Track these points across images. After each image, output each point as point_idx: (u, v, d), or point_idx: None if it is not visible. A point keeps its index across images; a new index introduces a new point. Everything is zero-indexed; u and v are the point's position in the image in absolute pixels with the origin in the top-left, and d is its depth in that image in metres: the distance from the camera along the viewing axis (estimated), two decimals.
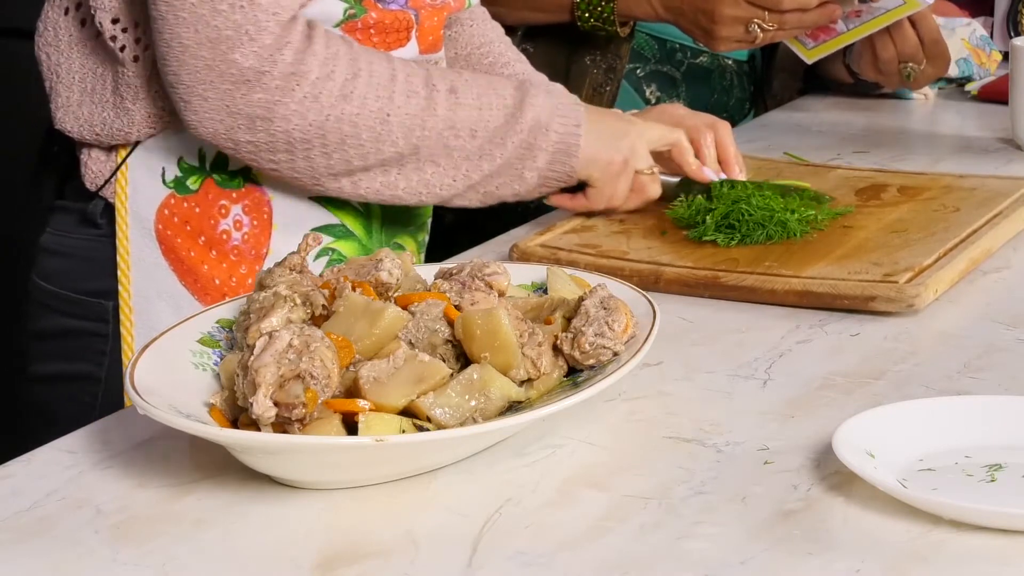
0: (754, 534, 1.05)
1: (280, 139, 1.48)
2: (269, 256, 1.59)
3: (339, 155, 1.51)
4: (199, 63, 1.45)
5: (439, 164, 1.55)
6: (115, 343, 1.58)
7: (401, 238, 1.70)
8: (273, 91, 1.46)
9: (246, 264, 1.58)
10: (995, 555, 1.02)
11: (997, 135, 2.10)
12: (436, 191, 1.57)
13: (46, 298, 1.63)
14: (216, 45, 1.44)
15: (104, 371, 1.59)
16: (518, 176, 1.59)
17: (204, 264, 1.57)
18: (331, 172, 1.52)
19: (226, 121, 1.47)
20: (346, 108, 1.49)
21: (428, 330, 1.20)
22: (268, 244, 1.59)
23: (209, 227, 1.57)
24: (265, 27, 1.44)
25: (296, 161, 1.51)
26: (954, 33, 2.36)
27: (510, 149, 1.57)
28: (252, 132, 1.48)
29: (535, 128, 1.57)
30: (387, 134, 1.51)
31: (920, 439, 1.14)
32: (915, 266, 1.50)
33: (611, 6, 2.07)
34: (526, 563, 1.02)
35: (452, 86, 1.55)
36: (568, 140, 1.59)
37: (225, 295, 1.57)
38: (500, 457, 1.16)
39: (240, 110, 1.46)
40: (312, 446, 1.09)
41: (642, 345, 1.22)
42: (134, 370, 1.15)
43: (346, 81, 1.48)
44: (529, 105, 1.57)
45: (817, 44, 2.12)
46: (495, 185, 1.59)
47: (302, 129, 1.48)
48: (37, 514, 1.10)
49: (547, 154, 1.59)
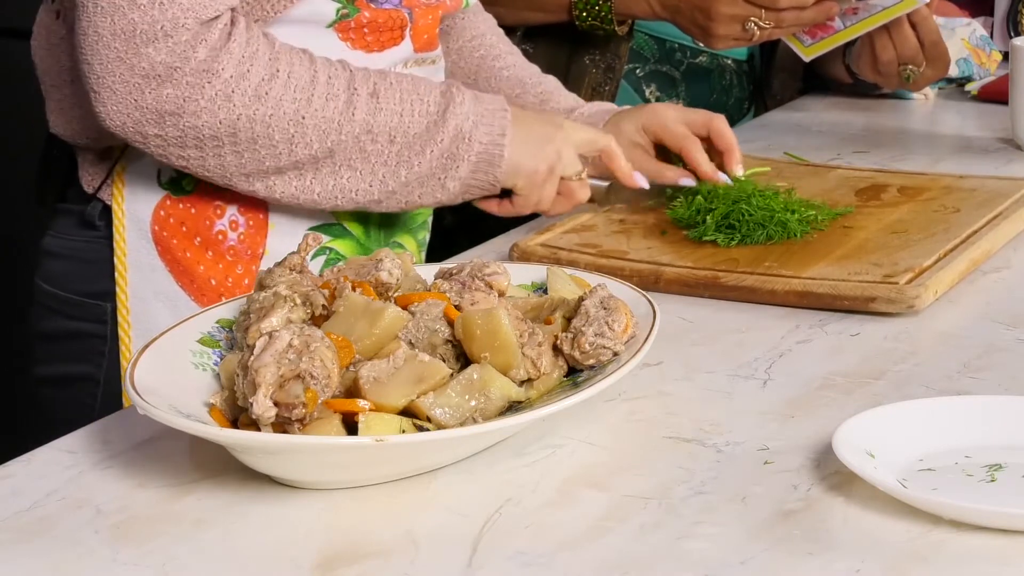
0: (754, 534, 1.05)
1: (189, 135, 1.46)
2: (265, 256, 1.58)
3: (250, 154, 1.48)
4: (111, 54, 1.42)
5: (355, 169, 1.52)
6: (114, 344, 1.59)
7: (400, 237, 1.69)
8: (184, 87, 1.44)
9: (242, 264, 1.58)
10: (995, 555, 1.02)
11: (997, 135, 2.11)
12: (352, 196, 1.53)
13: (48, 300, 1.63)
14: (130, 38, 1.42)
15: (103, 372, 1.60)
16: (440, 185, 1.56)
17: (200, 265, 1.57)
18: (242, 172, 1.50)
19: (134, 115, 1.44)
20: (259, 108, 1.46)
21: (428, 330, 1.20)
22: (264, 244, 1.59)
23: (205, 228, 1.57)
24: (182, 24, 1.43)
25: (206, 159, 1.48)
26: (954, 33, 2.36)
27: (430, 157, 1.54)
28: (160, 127, 1.45)
29: (457, 137, 1.54)
30: (300, 136, 1.48)
31: (920, 439, 1.14)
32: (915, 267, 1.50)
33: (608, 5, 2.08)
34: (526, 563, 1.02)
35: (375, 90, 1.52)
36: (491, 150, 1.56)
37: (222, 295, 1.56)
38: (500, 457, 1.17)
39: (149, 105, 1.44)
40: (312, 446, 1.09)
41: (642, 345, 1.22)
42: (134, 370, 1.15)
43: (262, 81, 1.46)
44: (452, 113, 1.54)
45: (815, 41, 2.12)
46: (417, 194, 1.56)
47: (212, 127, 1.46)
48: (37, 514, 1.10)
49: (470, 164, 1.56)
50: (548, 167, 1.60)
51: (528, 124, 1.61)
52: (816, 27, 2.09)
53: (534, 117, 1.64)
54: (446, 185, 1.55)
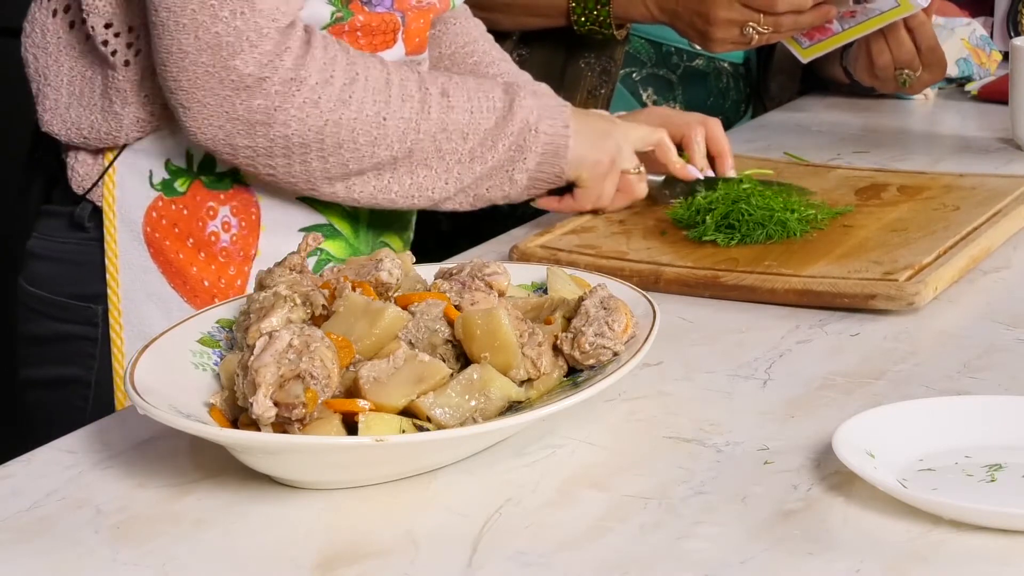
0: (754, 534, 1.05)
1: (279, 144, 1.49)
2: (258, 257, 1.59)
3: (335, 159, 1.51)
4: (199, 69, 1.44)
5: (431, 167, 1.56)
6: (105, 346, 1.58)
7: (387, 236, 1.70)
8: (273, 96, 1.46)
9: (235, 266, 1.58)
10: (995, 555, 1.02)
11: (997, 135, 2.10)
12: (428, 194, 1.57)
13: (35, 303, 1.63)
14: (217, 51, 1.44)
15: (94, 375, 1.59)
16: (508, 178, 1.60)
17: (193, 266, 1.57)
18: (327, 176, 1.52)
19: (225, 127, 1.47)
20: (345, 112, 1.49)
21: (428, 330, 1.20)
22: (256, 245, 1.59)
23: (197, 229, 1.57)
24: (266, 33, 1.44)
25: (293, 166, 1.51)
26: (954, 33, 2.36)
27: (500, 151, 1.58)
28: (251, 137, 1.48)
29: (524, 130, 1.58)
30: (383, 138, 1.52)
31: (920, 439, 1.14)
32: (915, 264, 1.50)
33: (607, 9, 2.08)
34: (526, 563, 1.02)
35: (444, 89, 1.56)
36: (557, 141, 1.60)
37: (214, 297, 1.57)
38: (500, 457, 1.16)
39: (240, 116, 1.46)
40: (312, 446, 1.09)
41: (642, 345, 1.22)
42: (134, 370, 1.15)
43: (344, 86, 1.49)
44: (518, 107, 1.58)
45: (813, 43, 2.12)
46: (486, 187, 1.59)
47: (301, 134, 1.48)
48: (37, 514, 1.10)
49: (536, 155, 1.60)
50: (610, 159, 1.65)
51: (587, 118, 1.66)
52: (814, 29, 2.09)
53: (590, 113, 1.69)
54: (514, 178, 1.60)
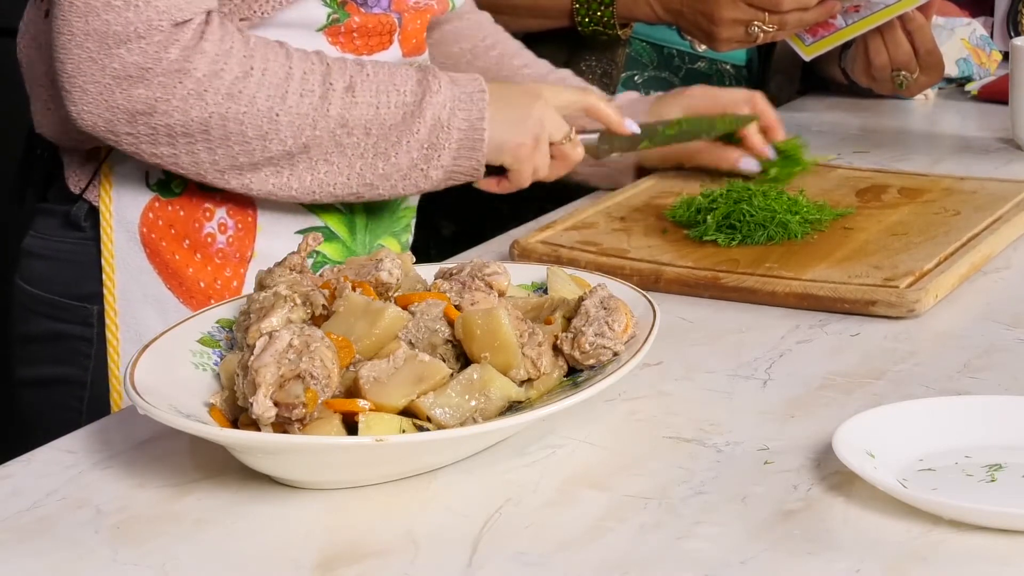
0: (754, 534, 1.05)
1: (161, 132, 1.46)
2: (254, 259, 1.58)
3: (223, 151, 1.49)
4: (83, 54, 1.43)
5: (331, 163, 1.53)
6: (100, 346, 1.58)
7: (385, 239, 1.69)
8: (155, 87, 1.44)
9: (231, 267, 1.58)
10: (995, 555, 1.02)
11: (997, 135, 2.10)
12: (330, 190, 1.54)
13: (30, 302, 1.62)
14: (103, 39, 1.42)
15: (89, 375, 1.59)
16: (423, 175, 1.57)
17: (189, 267, 1.57)
18: (216, 168, 1.50)
19: (104, 115, 1.45)
20: (232, 106, 1.47)
21: (428, 330, 1.20)
22: (253, 247, 1.59)
23: (194, 230, 1.57)
24: (156, 26, 1.43)
25: (179, 156, 1.48)
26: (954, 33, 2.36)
27: (408, 148, 1.55)
28: (132, 125, 1.46)
29: (436, 127, 1.55)
30: (274, 132, 1.49)
31: (920, 439, 1.14)
32: (916, 270, 1.50)
33: (611, 10, 2.08)
34: (526, 563, 1.02)
35: (351, 83, 1.52)
36: (472, 135, 1.57)
37: (210, 298, 1.56)
38: (500, 457, 1.16)
39: (120, 105, 1.44)
40: (312, 446, 1.09)
41: (642, 345, 1.22)
42: (134, 370, 1.15)
43: (236, 79, 1.46)
44: (428, 103, 1.54)
45: (815, 40, 2.12)
46: (400, 186, 1.57)
47: (184, 124, 1.46)
48: (37, 514, 1.10)
49: (451, 152, 1.56)
50: (533, 138, 1.62)
51: (507, 100, 1.61)
52: (817, 26, 2.09)
53: (512, 91, 1.64)
54: (429, 175, 1.57)
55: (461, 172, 1.59)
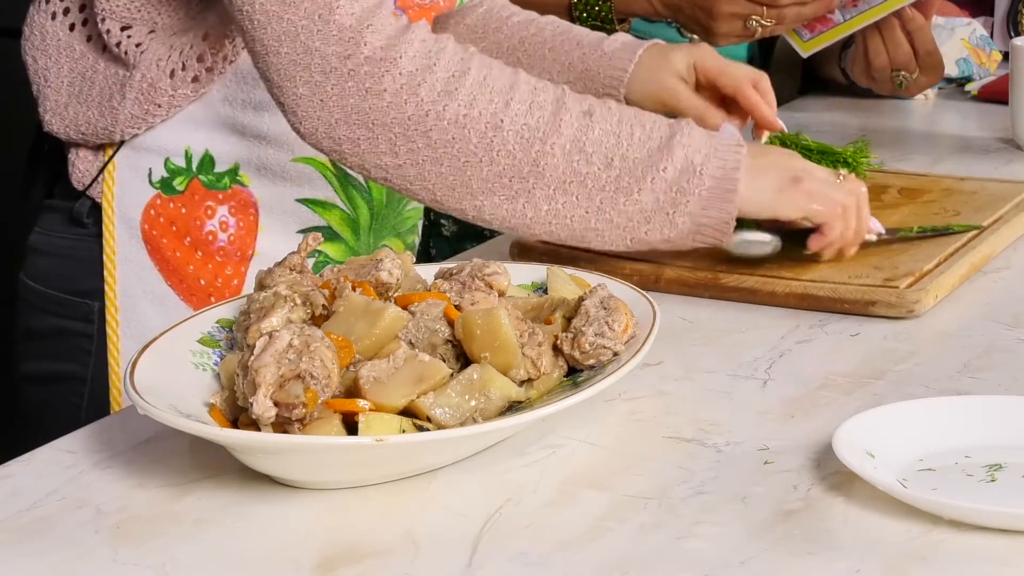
0: (754, 534, 1.05)
1: (382, 136, 1.38)
2: (255, 257, 1.58)
3: (449, 161, 1.39)
4: (284, 60, 1.38)
5: (569, 192, 1.40)
6: (101, 343, 1.58)
7: (390, 240, 1.69)
8: (362, 77, 1.37)
9: (232, 265, 1.58)
10: (995, 555, 1.02)
11: (997, 135, 2.11)
12: (567, 223, 1.42)
13: (33, 297, 1.63)
14: (295, 39, 1.37)
15: (90, 371, 1.59)
16: (668, 220, 1.42)
17: (190, 265, 1.57)
18: (446, 184, 1.40)
19: (323, 116, 1.38)
20: (449, 104, 1.37)
21: (428, 330, 1.20)
22: (254, 245, 1.58)
23: (195, 228, 1.57)
24: (338, 8, 1.37)
25: (404, 167, 1.40)
26: (954, 33, 2.36)
27: (653, 188, 1.41)
28: (350, 128, 1.38)
29: (686, 170, 1.41)
30: (500, 142, 1.38)
31: (920, 439, 1.14)
32: (915, 271, 1.50)
33: (609, 5, 2.07)
34: (526, 563, 1.02)
35: (589, 109, 1.41)
36: (724, 186, 1.42)
37: (211, 296, 1.56)
38: (500, 457, 1.16)
39: (334, 102, 1.37)
40: (312, 446, 1.09)
41: (642, 345, 1.22)
42: (134, 370, 1.15)
43: (452, 77, 1.38)
44: (679, 144, 1.41)
45: (814, 36, 2.11)
46: (644, 230, 1.42)
47: (401, 123, 1.37)
48: (37, 514, 1.10)
49: (701, 199, 1.41)
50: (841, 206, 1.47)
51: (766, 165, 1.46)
52: (815, 20, 2.08)
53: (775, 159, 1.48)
54: (675, 221, 1.42)
55: (710, 226, 1.43)
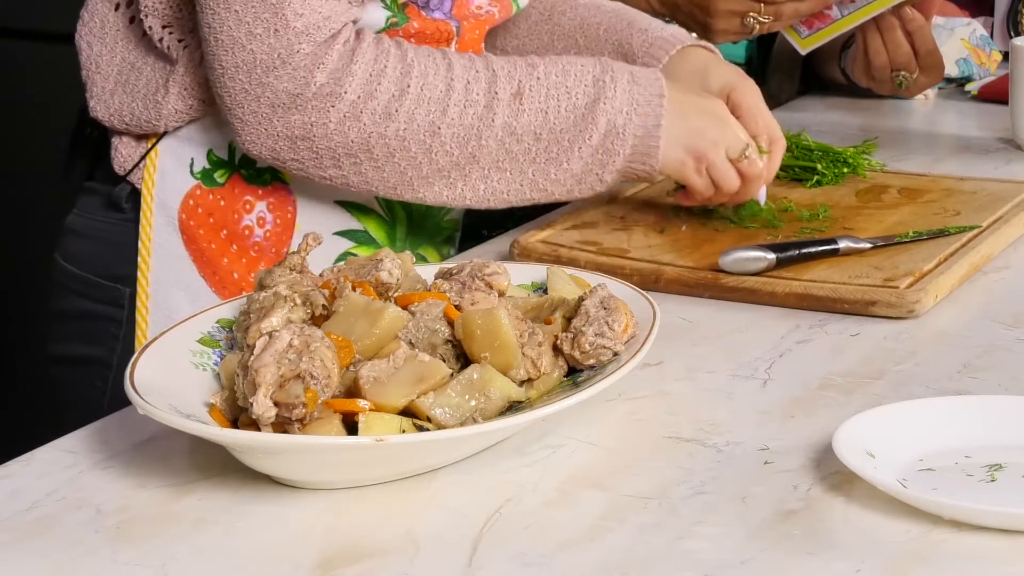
0: (754, 534, 1.05)
1: (325, 156, 1.49)
2: None
3: (390, 168, 1.50)
4: (237, 86, 1.45)
5: (503, 170, 1.53)
6: (129, 329, 1.59)
7: (424, 249, 1.69)
8: (309, 112, 1.46)
9: (266, 261, 1.58)
10: (995, 555, 1.02)
11: (997, 135, 2.10)
12: (504, 197, 1.54)
13: (66, 279, 1.63)
14: (252, 70, 1.44)
15: (116, 356, 1.60)
16: (598, 179, 1.56)
17: (224, 258, 1.58)
18: (386, 184, 1.51)
19: (267, 143, 1.47)
20: (390, 125, 1.48)
21: (428, 330, 1.20)
22: (290, 244, 1.59)
23: (232, 221, 1.58)
24: (299, 49, 1.44)
25: (348, 176, 1.50)
26: (954, 33, 2.35)
27: (580, 154, 1.54)
28: (295, 151, 1.48)
29: (609, 133, 1.54)
30: (439, 146, 1.50)
31: (920, 439, 1.14)
32: (915, 271, 1.50)
33: None
34: (526, 563, 1.02)
35: (518, 89, 1.52)
36: (647, 143, 1.55)
37: (242, 290, 1.57)
38: (500, 457, 1.16)
39: (280, 132, 1.47)
40: (312, 446, 1.09)
41: (642, 345, 1.22)
42: (134, 370, 1.15)
43: (392, 98, 1.47)
44: (603, 109, 1.53)
45: (812, 32, 2.11)
46: (576, 190, 1.56)
47: (345, 146, 1.48)
48: (37, 514, 1.10)
49: (624, 157, 1.55)
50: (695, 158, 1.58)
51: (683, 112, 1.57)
52: (813, 17, 2.08)
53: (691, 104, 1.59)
54: (603, 179, 1.56)
55: (635, 173, 1.57)
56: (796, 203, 1.73)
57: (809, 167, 1.81)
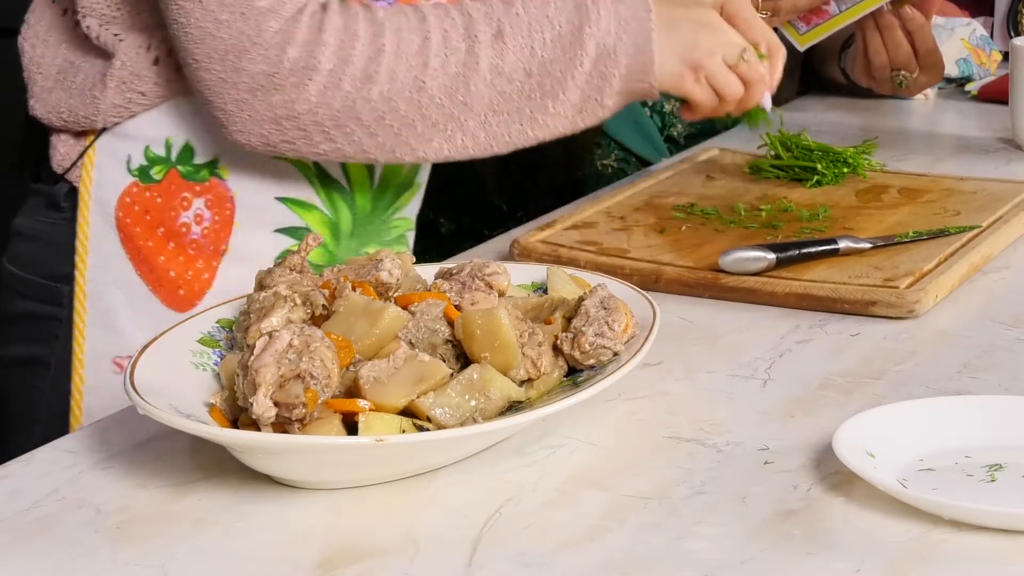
0: (754, 534, 1.05)
1: (313, 131, 1.47)
2: (227, 254, 1.56)
3: (383, 131, 1.48)
4: (213, 77, 1.45)
5: (500, 112, 1.50)
6: (67, 329, 1.57)
7: (372, 248, 1.66)
8: (288, 90, 1.44)
9: (204, 259, 1.56)
10: (995, 555, 1.02)
11: (997, 135, 2.10)
12: (506, 139, 1.52)
13: (12, 282, 1.62)
14: (224, 57, 1.44)
15: (54, 356, 1.58)
16: (599, 106, 1.53)
17: (161, 255, 1.55)
18: (384, 149, 1.49)
19: (254, 129, 1.46)
20: (373, 88, 1.45)
21: (428, 330, 1.20)
22: (228, 241, 1.57)
23: (169, 219, 1.55)
24: (266, 28, 1.43)
25: (342, 147, 1.48)
26: (954, 33, 2.36)
27: (576, 84, 1.51)
28: (283, 133, 1.47)
29: (601, 56, 1.51)
30: (428, 100, 1.47)
31: (920, 439, 1.14)
32: (915, 271, 1.50)
33: None
34: (526, 563, 1.02)
35: (498, 30, 1.49)
36: (641, 59, 1.52)
37: (179, 288, 1.55)
38: (500, 457, 1.17)
39: (263, 115, 1.46)
40: (312, 446, 1.09)
41: (642, 345, 1.22)
42: (134, 370, 1.15)
43: (368, 61, 1.45)
44: (590, 33, 1.51)
45: (810, 28, 2.10)
46: (579, 120, 1.53)
47: (331, 117, 1.46)
48: (37, 514, 1.10)
49: (621, 79, 1.52)
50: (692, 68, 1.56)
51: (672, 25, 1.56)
52: (811, 13, 2.08)
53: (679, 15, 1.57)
54: (604, 104, 1.53)
55: (636, 94, 1.54)
56: (796, 203, 1.73)
57: (809, 167, 1.81)
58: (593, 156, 2.11)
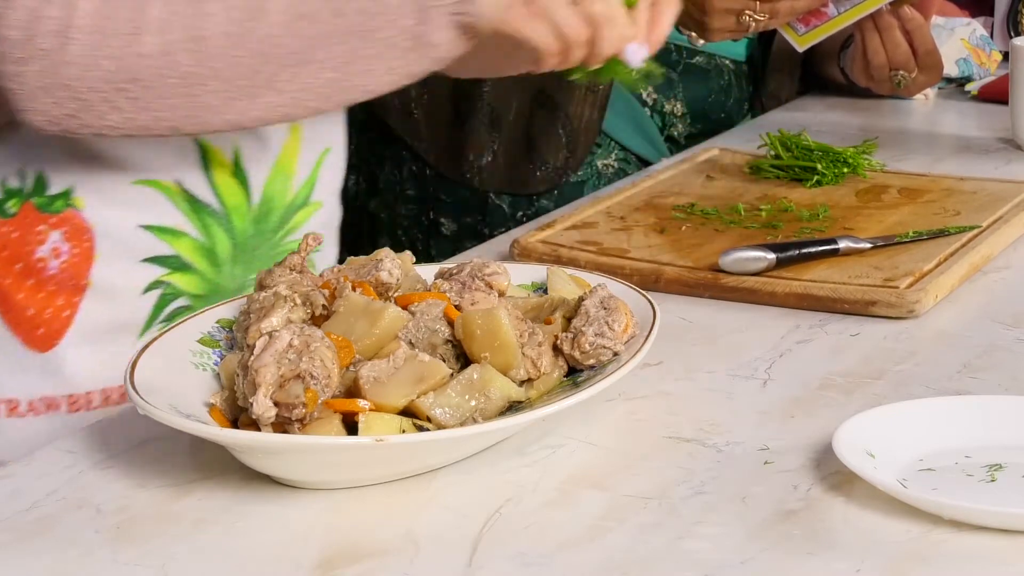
0: (754, 534, 1.05)
1: (94, 98, 1.29)
2: (89, 288, 1.43)
3: (171, 92, 1.29)
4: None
5: (311, 61, 1.29)
6: None
7: None
8: (46, 54, 1.27)
9: (64, 295, 1.43)
10: (995, 555, 1.02)
11: (997, 135, 2.10)
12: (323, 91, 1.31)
13: None
14: None
15: None
16: (429, 45, 1.30)
17: (20, 293, 1.43)
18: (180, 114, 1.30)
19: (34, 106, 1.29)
20: (143, 40, 1.27)
21: (428, 330, 1.20)
22: (88, 275, 1.43)
23: (26, 253, 1.42)
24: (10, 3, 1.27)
25: (135, 116, 1.30)
26: (954, 33, 2.36)
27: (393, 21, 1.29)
28: (61, 105, 1.29)
29: None
30: (212, 53, 1.28)
31: (920, 439, 1.14)
32: (915, 271, 1.50)
33: None
34: (526, 563, 1.02)
35: None
36: None
37: (39, 327, 1.43)
38: (500, 457, 1.17)
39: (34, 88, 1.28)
40: (312, 446, 1.09)
41: (642, 345, 1.22)
42: (134, 370, 1.15)
43: (129, 19, 1.28)
44: None
45: (809, 30, 2.10)
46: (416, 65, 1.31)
47: (105, 79, 1.28)
48: (37, 514, 1.10)
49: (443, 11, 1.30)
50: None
51: None
52: (810, 14, 2.08)
53: None
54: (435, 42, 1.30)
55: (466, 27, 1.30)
56: (796, 203, 1.73)
57: (809, 167, 1.82)
58: (593, 156, 2.11)
